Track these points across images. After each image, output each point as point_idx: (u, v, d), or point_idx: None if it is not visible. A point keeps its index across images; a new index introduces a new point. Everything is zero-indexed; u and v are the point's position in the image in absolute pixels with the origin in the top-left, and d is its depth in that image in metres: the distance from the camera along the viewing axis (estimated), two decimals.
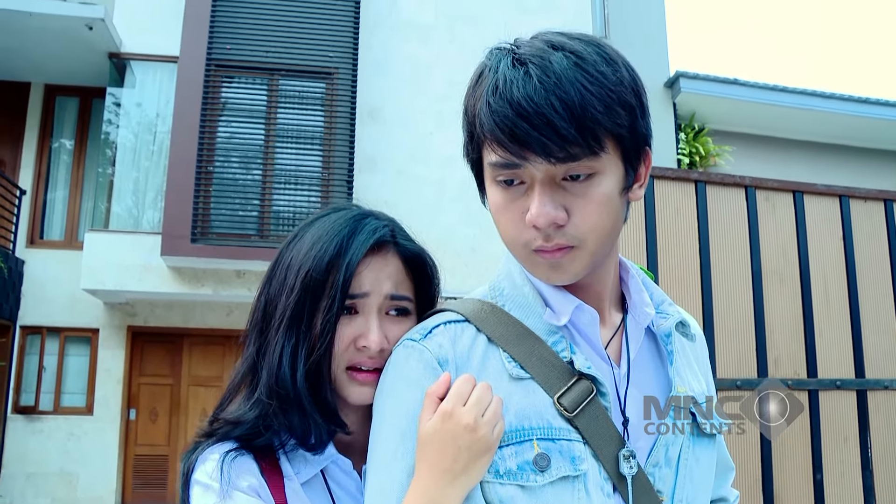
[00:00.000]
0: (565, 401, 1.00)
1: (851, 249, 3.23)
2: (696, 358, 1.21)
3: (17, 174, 10.17)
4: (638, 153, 1.00)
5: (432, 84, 9.09)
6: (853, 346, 3.18)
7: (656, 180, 3.08)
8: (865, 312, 3.23)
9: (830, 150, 12.54)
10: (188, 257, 8.22)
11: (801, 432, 3.08)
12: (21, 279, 9.63)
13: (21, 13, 8.47)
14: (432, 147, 8.97)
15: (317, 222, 1.24)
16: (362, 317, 1.18)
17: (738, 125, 12.08)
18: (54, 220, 10.32)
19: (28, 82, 10.31)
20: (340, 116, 8.73)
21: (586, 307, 1.05)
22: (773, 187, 3.21)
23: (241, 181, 8.62)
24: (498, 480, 0.97)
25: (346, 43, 8.92)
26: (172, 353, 9.88)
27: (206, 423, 1.23)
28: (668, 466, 1.05)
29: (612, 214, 0.99)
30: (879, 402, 3.19)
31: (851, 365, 3.17)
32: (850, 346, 3.18)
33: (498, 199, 1.01)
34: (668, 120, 11.43)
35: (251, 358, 1.22)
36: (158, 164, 8.93)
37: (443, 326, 1.07)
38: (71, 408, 9.67)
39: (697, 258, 3.10)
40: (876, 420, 3.18)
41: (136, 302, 9.62)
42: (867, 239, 3.28)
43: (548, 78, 0.91)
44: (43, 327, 9.73)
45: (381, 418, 1.05)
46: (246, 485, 1.10)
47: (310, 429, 1.15)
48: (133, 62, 9.11)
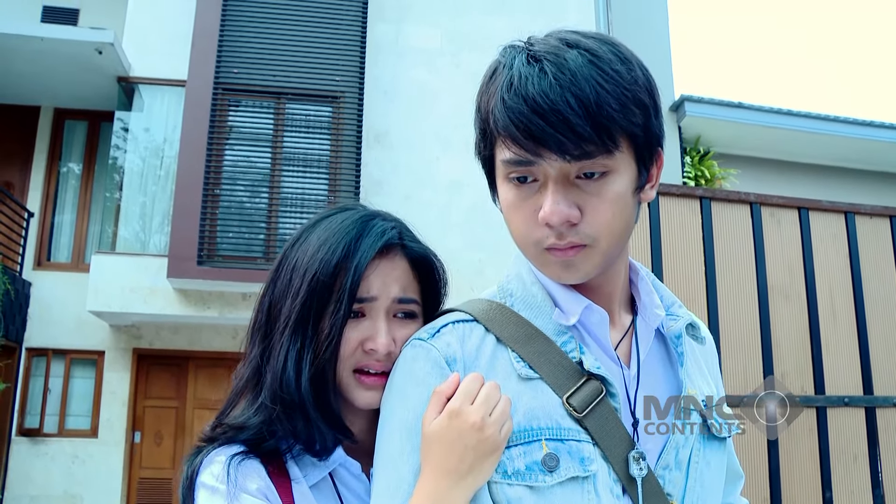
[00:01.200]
0: (574, 401, 0.99)
1: (857, 265, 3.22)
2: (706, 361, 1.20)
3: (25, 197, 10.22)
4: (651, 153, 1.00)
5: (438, 109, 9.14)
6: (861, 362, 3.16)
7: (661, 197, 3.09)
8: (872, 329, 3.21)
9: (835, 173, 12.55)
10: (194, 280, 8.22)
11: (810, 450, 3.05)
12: (27, 301, 9.64)
13: (32, 38, 8.57)
14: (439, 172, 8.99)
15: (322, 223, 1.22)
16: (370, 320, 1.16)
17: (743, 148, 12.11)
18: (62, 242, 10.35)
19: (38, 106, 10.40)
20: (347, 141, 8.77)
21: (596, 307, 1.04)
22: (779, 204, 3.21)
23: (248, 204, 8.65)
24: (506, 481, 0.96)
25: (352, 67, 8.98)
26: (178, 375, 9.84)
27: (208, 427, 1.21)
28: (678, 469, 1.03)
29: (624, 214, 0.98)
30: (889, 419, 3.16)
31: (859, 381, 3.15)
32: (857, 362, 3.16)
33: (510, 196, 1.00)
34: (674, 143, 11.46)
35: (255, 361, 1.19)
36: (165, 188, 8.96)
37: (451, 326, 1.06)
38: (75, 430, 9.62)
39: (703, 275, 3.09)
40: (885, 437, 3.15)
41: (142, 324, 9.61)
42: (873, 255, 3.27)
43: (563, 75, 0.90)
44: (48, 349, 9.71)
45: (389, 417, 1.04)
46: (254, 487, 1.08)
47: (314, 435, 1.13)
48: (141, 86, 9.19)
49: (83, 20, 10.81)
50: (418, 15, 9.57)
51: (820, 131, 11.79)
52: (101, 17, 10.21)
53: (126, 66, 9.04)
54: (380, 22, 9.38)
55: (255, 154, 8.72)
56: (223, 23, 8.75)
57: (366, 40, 9.12)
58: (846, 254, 3.24)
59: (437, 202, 8.84)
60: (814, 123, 11.81)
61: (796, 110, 11.78)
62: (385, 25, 9.42)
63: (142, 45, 9.18)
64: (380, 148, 9.04)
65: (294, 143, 8.80)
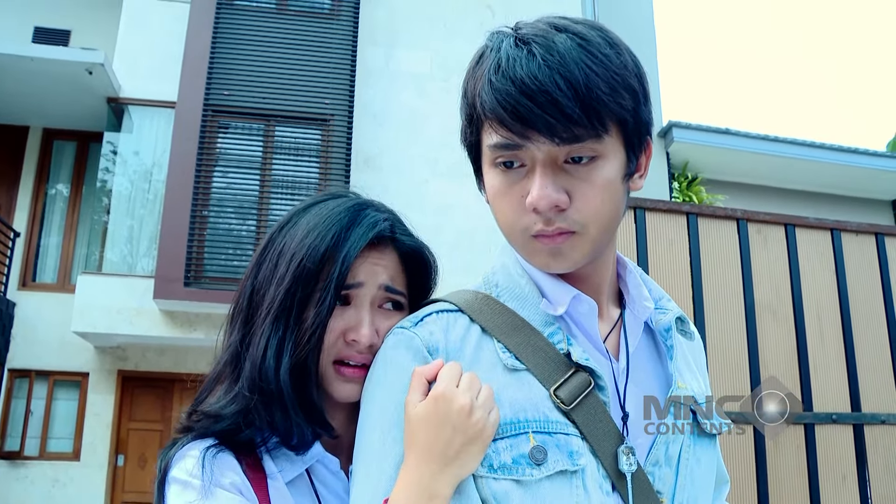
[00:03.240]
0: (562, 393, 0.96)
1: (844, 282, 3.23)
2: (695, 358, 1.18)
3: (11, 217, 10.17)
4: (640, 140, 0.99)
5: (428, 133, 9.17)
6: (848, 379, 3.15)
7: (648, 212, 3.08)
8: (860, 345, 3.20)
9: (822, 200, 12.66)
10: (181, 301, 8.17)
11: (798, 467, 3.03)
12: (11, 321, 9.54)
13: (22, 58, 8.59)
14: (428, 195, 9.00)
15: (313, 208, 1.18)
16: (354, 308, 1.13)
17: (730, 174, 12.20)
18: (47, 263, 10.29)
19: (27, 126, 10.39)
20: (336, 163, 8.79)
21: (584, 297, 1.02)
22: (765, 220, 3.22)
23: (236, 225, 8.63)
24: (492, 475, 0.93)
25: (342, 90, 9.03)
26: (163, 398, 9.74)
27: (184, 415, 1.18)
28: (668, 466, 1.01)
29: (613, 200, 0.96)
30: (877, 437, 3.15)
31: (847, 398, 3.13)
32: (845, 379, 3.15)
33: (497, 182, 0.98)
34: (662, 169, 11.53)
35: (234, 347, 1.15)
36: (153, 212, 8.94)
37: (435, 315, 1.04)
38: (57, 453, 9.48)
39: (690, 291, 3.08)
40: (874, 456, 3.13)
41: (128, 346, 9.52)
42: (859, 272, 3.27)
43: (552, 57, 0.89)
44: (32, 370, 9.62)
45: (369, 407, 1.00)
46: (228, 482, 1.04)
47: (292, 428, 1.09)
48: (131, 107, 9.21)
49: (74, 41, 10.84)
50: (408, 39, 9.64)
51: (807, 158, 11.90)
52: (92, 39, 10.23)
53: (116, 86, 9.06)
54: (370, 46, 9.45)
55: (244, 176, 8.72)
56: (213, 45, 8.80)
57: (356, 64, 9.18)
58: (833, 270, 3.24)
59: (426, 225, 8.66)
60: (801, 150, 11.92)
61: (783, 137, 11.89)
62: (375, 49, 9.49)
63: (132, 66, 9.20)
64: (369, 171, 9.05)
65: (283, 166, 8.81)
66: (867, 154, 12.40)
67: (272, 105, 8.82)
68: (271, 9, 9.23)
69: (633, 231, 3.01)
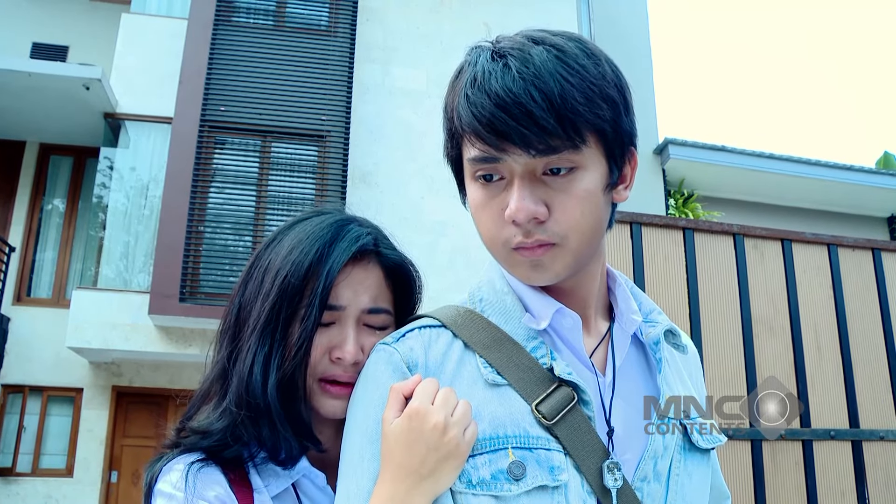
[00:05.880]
0: (544, 408, 0.95)
1: (841, 298, 3.22)
2: (689, 372, 1.16)
3: (7, 231, 10.15)
4: (622, 151, 0.98)
5: (424, 150, 9.19)
6: (846, 394, 3.13)
7: (644, 227, 3.08)
8: (857, 361, 3.19)
9: (819, 217, 12.67)
10: (176, 317, 8.12)
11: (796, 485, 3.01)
12: (5, 336, 9.49)
13: (20, 73, 8.61)
14: (424, 212, 9.00)
15: (297, 226, 1.19)
16: (338, 327, 1.13)
17: (726, 191, 12.22)
18: (42, 278, 10.26)
19: (23, 141, 10.39)
20: (332, 180, 8.79)
21: (568, 311, 1.00)
22: (762, 235, 3.22)
23: (232, 241, 8.61)
24: (470, 491, 0.92)
25: (338, 107, 9.04)
26: (157, 414, 9.66)
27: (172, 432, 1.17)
28: (657, 481, 0.99)
29: (594, 212, 0.95)
30: (876, 454, 3.13)
31: (845, 415, 3.12)
32: (843, 394, 3.13)
33: (477, 196, 0.98)
34: (658, 186, 11.55)
35: (222, 363, 1.16)
36: (149, 227, 8.92)
37: (417, 331, 1.03)
38: (50, 470, 9.40)
39: (686, 306, 3.07)
40: (873, 473, 3.11)
41: (122, 362, 9.47)
42: (856, 287, 3.27)
43: (527, 69, 0.89)
44: (25, 386, 9.54)
45: (351, 423, 1.01)
46: (213, 495, 1.04)
47: (280, 443, 1.09)
48: (128, 122, 9.22)
49: (72, 57, 10.87)
50: (404, 56, 9.68)
51: (802, 174, 11.93)
52: (90, 55, 10.27)
53: (113, 102, 9.07)
54: (366, 62, 9.48)
55: (240, 192, 8.71)
56: (210, 61, 8.81)
57: (352, 81, 9.20)
58: (829, 285, 3.24)
59: (421, 242, 8.83)
60: (796, 167, 11.96)
61: (779, 154, 11.92)
62: (372, 66, 9.52)
63: (129, 82, 9.22)
64: (365, 188, 9.06)
65: (279, 182, 8.81)
66: (862, 171, 12.44)
67: (269, 121, 8.84)
68: (268, 26, 9.27)
69: (630, 246, 3.01)
